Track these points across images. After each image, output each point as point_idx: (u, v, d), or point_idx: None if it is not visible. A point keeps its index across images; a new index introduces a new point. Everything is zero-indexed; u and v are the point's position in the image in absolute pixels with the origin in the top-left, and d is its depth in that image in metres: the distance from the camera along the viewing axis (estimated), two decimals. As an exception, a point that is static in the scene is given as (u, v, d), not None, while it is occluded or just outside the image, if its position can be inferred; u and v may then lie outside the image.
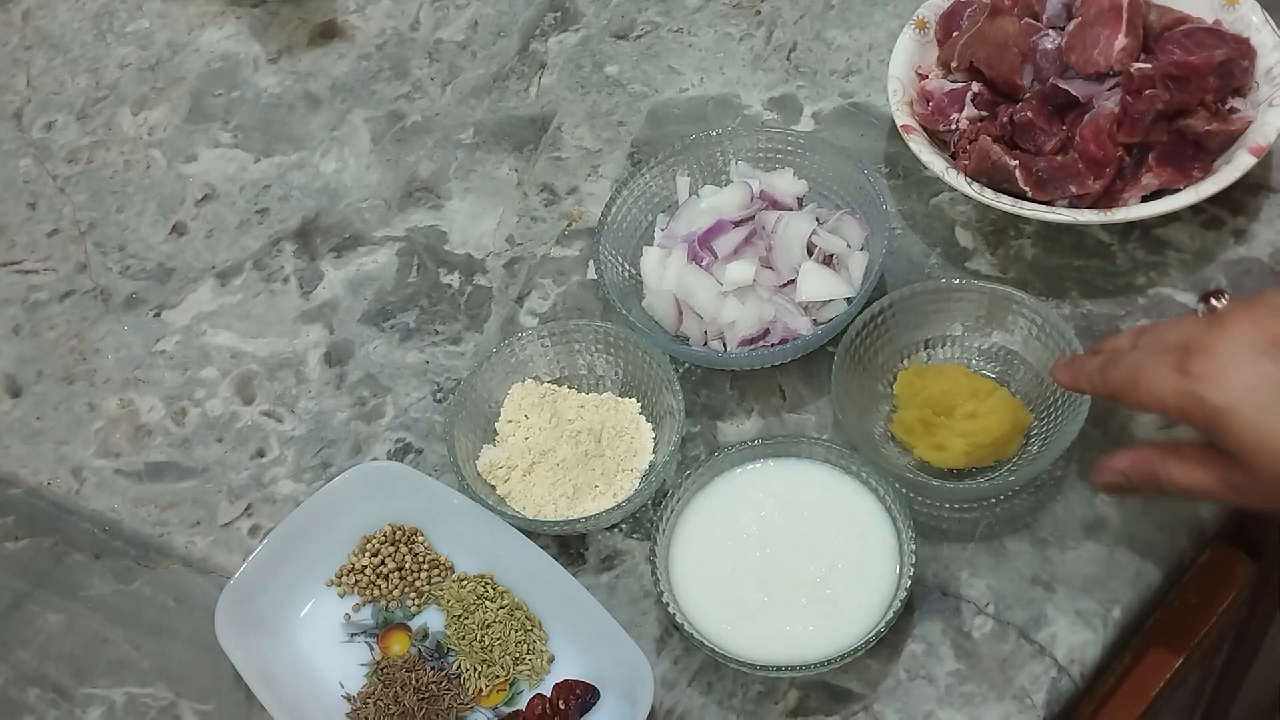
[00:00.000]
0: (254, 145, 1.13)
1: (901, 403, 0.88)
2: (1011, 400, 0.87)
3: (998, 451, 0.86)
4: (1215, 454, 0.73)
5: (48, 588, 0.93)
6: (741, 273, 0.92)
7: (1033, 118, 0.93)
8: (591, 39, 1.15)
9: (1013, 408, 0.86)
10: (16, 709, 0.88)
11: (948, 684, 0.81)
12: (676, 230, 0.96)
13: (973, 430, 0.85)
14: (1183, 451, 0.75)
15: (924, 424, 0.86)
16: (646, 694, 0.79)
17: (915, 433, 0.87)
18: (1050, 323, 0.87)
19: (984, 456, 0.86)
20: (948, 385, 0.87)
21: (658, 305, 0.94)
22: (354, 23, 1.20)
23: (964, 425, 0.85)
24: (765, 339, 0.92)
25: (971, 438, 0.85)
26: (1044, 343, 0.87)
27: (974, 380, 0.87)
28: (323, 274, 1.05)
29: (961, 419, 0.86)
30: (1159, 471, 0.76)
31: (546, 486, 0.89)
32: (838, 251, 0.93)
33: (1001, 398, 0.86)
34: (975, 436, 0.85)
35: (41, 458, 0.99)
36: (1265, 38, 0.95)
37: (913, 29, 1.01)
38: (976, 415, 0.85)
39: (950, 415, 0.86)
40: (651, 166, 0.98)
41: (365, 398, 0.98)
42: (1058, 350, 0.86)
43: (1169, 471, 0.75)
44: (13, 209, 1.13)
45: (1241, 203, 0.95)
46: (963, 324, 0.90)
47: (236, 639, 0.84)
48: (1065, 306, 0.93)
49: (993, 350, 0.90)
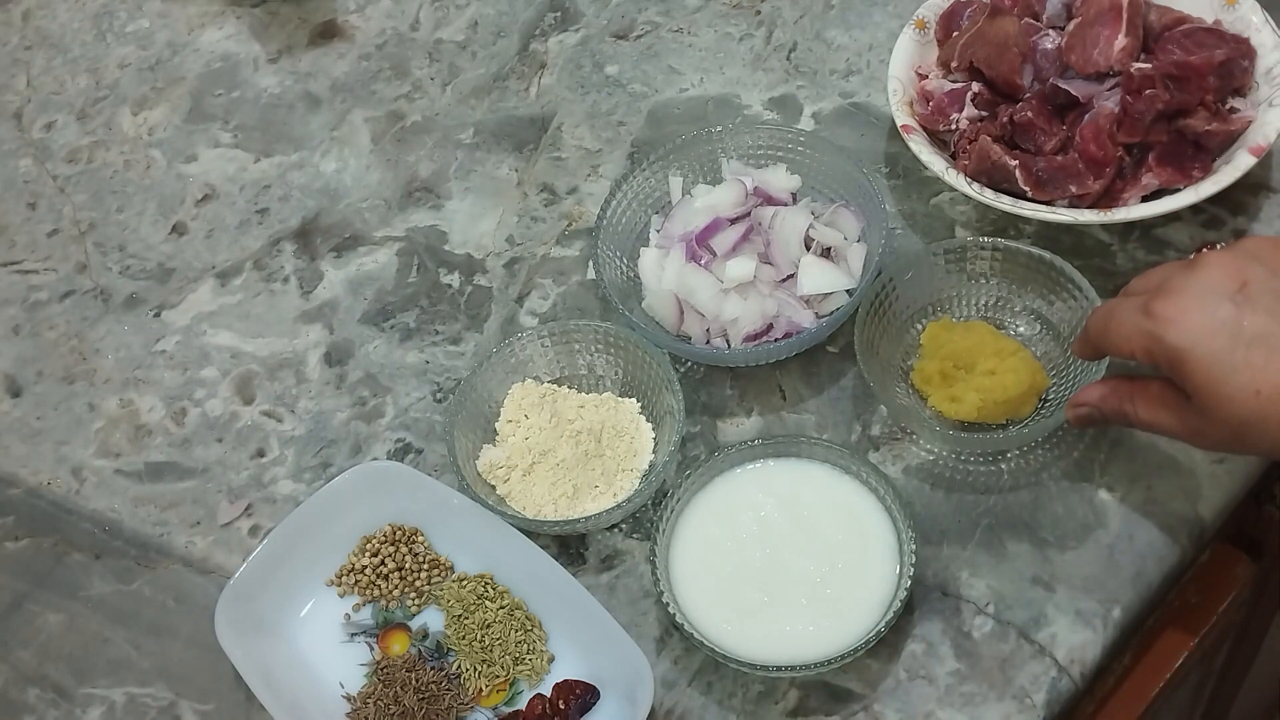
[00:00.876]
0: (254, 145, 1.13)
1: (925, 353, 0.89)
2: (1032, 362, 0.87)
3: (1011, 410, 0.87)
4: (1177, 394, 0.73)
5: (48, 588, 0.93)
6: (742, 269, 0.92)
7: (1033, 118, 0.93)
8: (591, 39, 1.15)
9: (1032, 369, 0.87)
10: (16, 709, 0.88)
11: (948, 684, 0.81)
12: (672, 230, 0.96)
13: (990, 386, 0.86)
14: (1149, 388, 0.76)
15: (943, 375, 0.88)
16: (646, 694, 0.79)
17: (933, 383, 0.88)
18: (1084, 292, 0.87)
19: (996, 414, 0.86)
20: (973, 342, 0.88)
21: (658, 305, 0.94)
22: (354, 23, 1.20)
23: (981, 381, 0.86)
24: (768, 334, 0.92)
25: (987, 393, 0.85)
26: (1075, 311, 0.88)
27: (999, 339, 0.88)
28: (323, 274, 1.05)
29: (980, 375, 0.86)
30: (1126, 407, 0.77)
31: (546, 486, 0.89)
32: (835, 244, 0.93)
33: (1023, 359, 0.87)
34: (991, 393, 0.85)
35: (41, 458, 0.99)
36: (1265, 38, 0.95)
37: (913, 29, 1.01)
38: (995, 372, 0.86)
39: (971, 370, 0.87)
40: (650, 164, 0.98)
41: (365, 398, 0.98)
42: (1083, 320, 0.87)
43: (1135, 407, 0.77)
44: (13, 209, 1.13)
45: (1241, 203, 0.95)
46: (999, 282, 0.91)
47: (236, 639, 0.84)
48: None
49: (1024, 312, 0.91)
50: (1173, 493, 0.85)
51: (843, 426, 0.91)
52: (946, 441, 0.88)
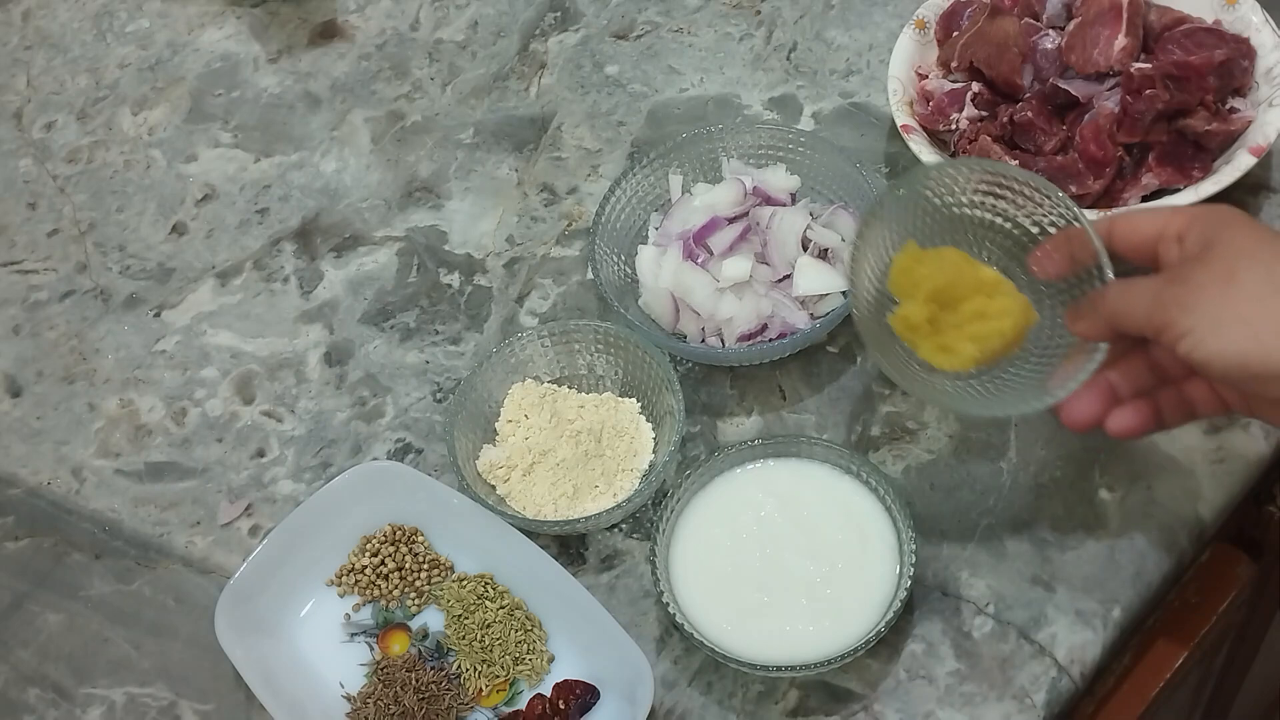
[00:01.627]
0: (254, 145, 1.13)
1: (902, 293, 0.80)
2: (1019, 296, 0.79)
3: (1004, 352, 0.79)
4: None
5: (48, 588, 0.93)
6: (738, 269, 0.92)
7: (1033, 118, 0.93)
8: (591, 39, 1.15)
9: (1022, 306, 0.79)
10: (16, 709, 0.88)
11: (948, 684, 0.81)
12: (671, 228, 0.96)
13: (984, 334, 0.78)
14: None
15: (930, 322, 0.79)
16: (646, 694, 0.79)
17: (921, 331, 0.79)
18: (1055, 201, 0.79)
19: (992, 360, 0.79)
20: (950, 274, 0.79)
21: (654, 303, 0.94)
22: (354, 23, 1.20)
23: (974, 328, 0.78)
24: (763, 334, 0.92)
25: (983, 342, 0.78)
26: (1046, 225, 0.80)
27: (977, 269, 0.79)
28: (323, 274, 1.05)
29: (971, 319, 0.79)
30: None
31: (546, 486, 0.89)
32: (832, 246, 0.93)
33: (1010, 294, 0.79)
34: (987, 341, 0.78)
35: (41, 458, 0.99)
36: (1265, 38, 0.95)
37: (913, 29, 1.01)
38: (986, 315, 0.78)
39: (956, 311, 0.79)
40: (649, 162, 0.98)
41: (365, 398, 0.98)
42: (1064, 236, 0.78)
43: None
44: (13, 209, 1.13)
45: (1241, 203, 0.95)
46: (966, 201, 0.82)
47: (236, 639, 0.84)
48: (1065, 306, 0.93)
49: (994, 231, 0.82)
50: (1173, 493, 0.85)
51: (843, 426, 0.91)
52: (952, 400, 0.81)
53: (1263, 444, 0.87)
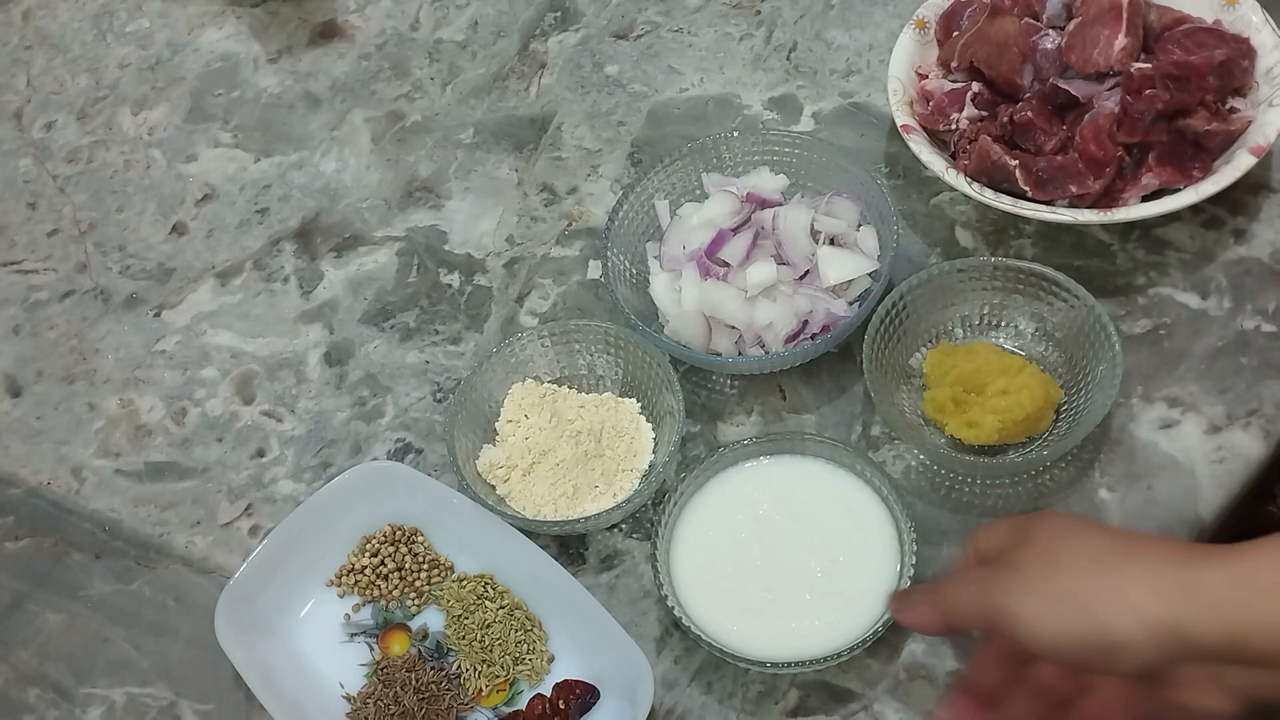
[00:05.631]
0: (254, 145, 1.13)
1: (932, 382, 0.88)
2: (1041, 376, 0.87)
3: (1029, 428, 0.86)
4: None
5: (48, 588, 0.93)
6: (764, 273, 0.91)
7: (1033, 118, 0.93)
8: (591, 39, 1.15)
9: (1043, 383, 0.86)
10: (16, 709, 0.88)
11: (948, 684, 0.81)
12: (671, 252, 0.96)
13: (1006, 407, 0.85)
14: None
15: (955, 402, 0.87)
16: (646, 694, 0.79)
17: (947, 410, 0.87)
18: (1080, 298, 0.87)
19: (1016, 433, 0.86)
20: (978, 363, 0.87)
21: (684, 329, 0.92)
22: (354, 23, 1.20)
23: (996, 402, 0.85)
24: (804, 332, 0.91)
25: (1005, 414, 0.85)
26: (1072, 319, 0.88)
27: (1004, 357, 0.88)
28: (323, 274, 1.05)
29: (993, 396, 0.86)
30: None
31: (546, 486, 0.89)
32: (840, 233, 0.93)
33: (1032, 374, 0.87)
34: (1008, 413, 0.85)
35: (41, 458, 0.99)
36: (1265, 38, 0.95)
37: (913, 29, 1.01)
38: (1008, 392, 0.85)
39: (981, 393, 0.86)
40: (667, 164, 0.97)
41: (365, 398, 0.98)
42: (1086, 325, 0.86)
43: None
44: (13, 209, 1.13)
45: (1241, 202, 0.95)
46: (990, 302, 0.91)
47: (236, 639, 0.84)
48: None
49: (1020, 328, 0.91)
50: (1173, 493, 0.85)
51: (843, 427, 0.91)
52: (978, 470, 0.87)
53: (1263, 444, 0.87)
